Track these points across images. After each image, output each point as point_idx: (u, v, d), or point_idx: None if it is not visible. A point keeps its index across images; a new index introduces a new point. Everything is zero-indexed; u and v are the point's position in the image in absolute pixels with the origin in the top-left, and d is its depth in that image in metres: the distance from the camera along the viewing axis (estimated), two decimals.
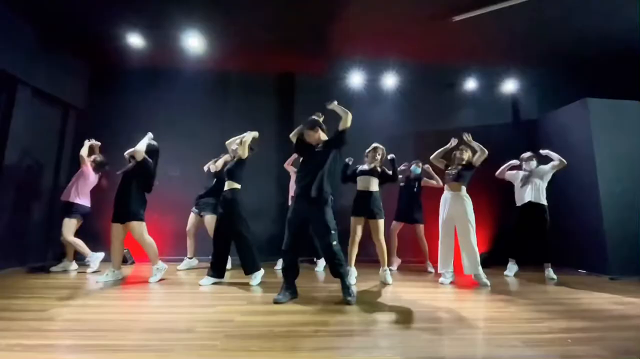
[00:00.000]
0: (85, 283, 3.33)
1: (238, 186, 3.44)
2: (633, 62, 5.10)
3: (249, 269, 3.34)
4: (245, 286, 3.23)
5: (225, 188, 3.43)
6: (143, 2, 3.92)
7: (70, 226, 3.87)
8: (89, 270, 3.82)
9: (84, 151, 4.01)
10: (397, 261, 4.45)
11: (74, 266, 3.99)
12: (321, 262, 4.23)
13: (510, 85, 5.59)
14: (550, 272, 3.96)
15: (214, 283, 3.29)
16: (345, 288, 2.72)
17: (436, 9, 4.03)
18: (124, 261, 4.29)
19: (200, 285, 3.21)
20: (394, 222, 4.42)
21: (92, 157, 4.12)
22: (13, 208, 4.06)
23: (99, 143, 4.12)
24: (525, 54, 5.18)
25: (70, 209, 3.89)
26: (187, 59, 4.96)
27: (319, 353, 1.70)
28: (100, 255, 4.00)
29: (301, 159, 2.98)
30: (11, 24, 3.94)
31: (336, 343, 1.83)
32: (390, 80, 5.46)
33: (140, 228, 3.41)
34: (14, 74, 3.96)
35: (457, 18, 4.10)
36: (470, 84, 5.59)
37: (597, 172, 4.26)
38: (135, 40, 4.52)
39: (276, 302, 2.59)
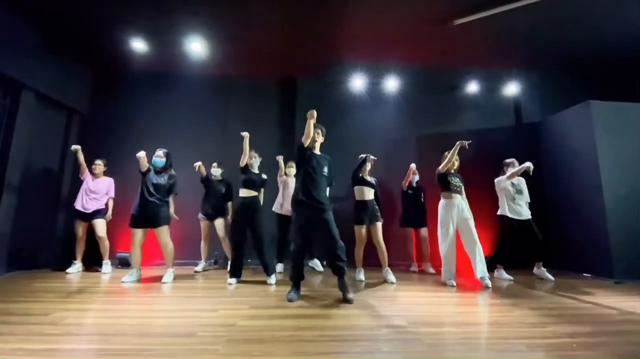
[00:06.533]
0: (87, 286, 3.33)
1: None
2: (636, 64, 5.09)
3: (272, 270, 3.58)
4: (248, 289, 3.23)
5: (249, 195, 3.65)
6: (146, 7, 3.95)
7: (104, 225, 4.26)
8: (102, 270, 4.16)
9: (99, 161, 4.37)
10: (414, 265, 4.61)
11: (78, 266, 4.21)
12: (313, 262, 4.47)
13: (512, 88, 5.58)
14: (543, 271, 3.97)
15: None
16: (344, 286, 2.85)
17: (438, 13, 4.05)
18: (127, 264, 4.31)
19: (229, 284, 3.45)
20: (406, 229, 4.55)
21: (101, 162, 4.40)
22: (16, 212, 4.08)
23: (79, 147, 4.19)
24: (527, 57, 5.18)
25: (103, 211, 4.30)
26: (189, 63, 5.01)
27: (321, 358, 1.69)
28: (109, 264, 4.27)
29: (304, 168, 3.05)
30: (15, 29, 3.99)
31: (339, 348, 1.82)
32: (392, 84, 5.47)
33: (168, 232, 3.71)
34: (18, 78, 3.99)
35: (459, 21, 4.11)
36: (472, 87, 5.59)
37: (600, 175, 4.22)
38: (138, 44, 4.57)
39: (290, 300, 2.76)
